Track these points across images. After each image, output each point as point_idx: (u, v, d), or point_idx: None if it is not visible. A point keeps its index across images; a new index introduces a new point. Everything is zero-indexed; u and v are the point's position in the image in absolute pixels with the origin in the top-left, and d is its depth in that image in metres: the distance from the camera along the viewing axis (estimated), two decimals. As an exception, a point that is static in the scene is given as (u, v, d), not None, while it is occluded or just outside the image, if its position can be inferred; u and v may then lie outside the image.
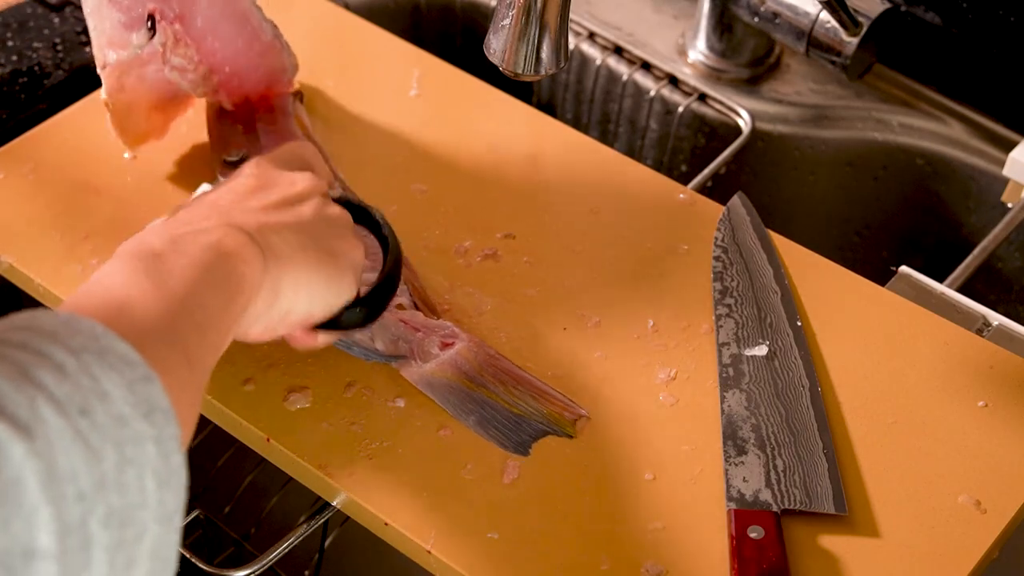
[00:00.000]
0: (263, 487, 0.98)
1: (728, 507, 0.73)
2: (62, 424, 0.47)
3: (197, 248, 0.61)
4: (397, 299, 0.81)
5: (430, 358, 0.79)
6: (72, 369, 0.49)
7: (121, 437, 0.49)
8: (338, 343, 0.79)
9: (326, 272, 0.69)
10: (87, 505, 0.46)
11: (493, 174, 0.92)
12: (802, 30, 1.01)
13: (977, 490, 0.74)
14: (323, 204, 0.72)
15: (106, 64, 0.84)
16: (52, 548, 0.45)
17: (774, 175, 1.11)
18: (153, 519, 0.50)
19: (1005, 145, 1.03)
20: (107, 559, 0.47)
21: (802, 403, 0.78)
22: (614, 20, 1.14)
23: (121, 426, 0.49)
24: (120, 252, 0.61)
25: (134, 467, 0.49)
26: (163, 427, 0.51)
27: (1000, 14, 1.02)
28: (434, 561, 0.72)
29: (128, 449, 0.49)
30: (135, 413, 0.50)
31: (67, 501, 0.46)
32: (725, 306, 0.83)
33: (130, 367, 0.51)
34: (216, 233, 0.62)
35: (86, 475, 0.47)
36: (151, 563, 0.50)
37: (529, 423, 0.77)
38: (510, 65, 0.76)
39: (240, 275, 0.62)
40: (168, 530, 0.50)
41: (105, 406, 0.49)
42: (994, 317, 0.85)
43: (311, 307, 0.69)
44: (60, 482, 0.46)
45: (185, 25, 0.84)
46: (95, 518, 0.47)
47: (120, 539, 0.48)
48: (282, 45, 0.89)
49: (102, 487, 0.47)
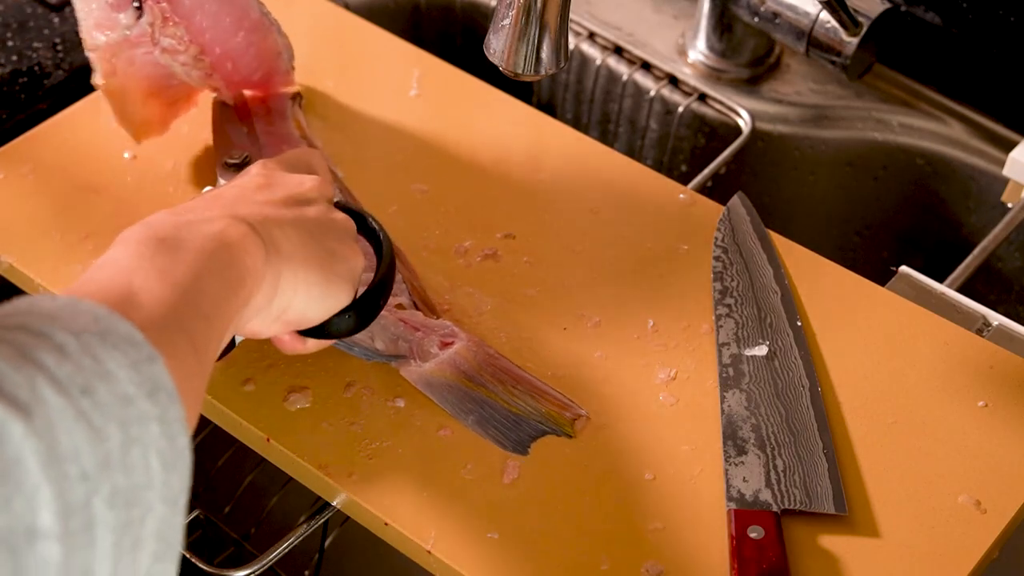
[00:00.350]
0: (263, 487, 0.98)
1: (728, 507, 0.73)
2: (63, 403, 0.46)
3: (201, 237, 0.61)
4: (397, 298, 0.81)
5: (429, 357, 0.79)
6: (73, 350, 0.48)
7: (126, 417, 0.48)
8: (338, 343, 0.79)
9: (325, 273, 0.69)
10: (91, 485, 0.46)
11: (493, 174, 0.92)
12: (802, 30, 1.01)
13: (977, 490, 0.74)
14: (328, 209, 0.72)
15: (96, 47, 0.84)
16: (55, 528, 0.45)
17: (774, 175, 1.11)
18: (159, 500, 0.49)
19: (1005, 145, 1.03)
20: (113, 539, 0.47)
21: (802, 403, 0.78)
22: (614, 20, 1.14)
23: (125, 405, 0.49)
24: (123, 238, 0.61)
25: (139, 447, 0.48)
26: (167, 407, 0.50)
27: (1000, 14, 1.02)
28: (434, 561, 0.72)
29: (133, 429, 0.48)
30: (139, 393, 0.49)
31: (69, 480, 0.45)
32: (725, 306, 0.83)
33: (134, 347, 0.50)
34: (220, 223, 0.62)
35: (89, 455, 0.46)
36: (156, 544, 0.49)
37: (528, 422, 0.77)
38: (510, 65, 0.76)
39: (243, 265, 0.62)
40: (174, 512, 0.50)
41: (108, 386, 0.48)
42: (994, 317, 0.85)
43: (307, 307, 0.69)
44: (61, 461, 0.45)
45: (172, 3, 0.84)
46: (100, 498, 0.46)
47: (126, 520, 0.47)
48: (271, 23, 0.89)
49: (106, 467, 0.47)
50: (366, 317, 0.73)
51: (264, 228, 0.65)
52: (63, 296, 0.52)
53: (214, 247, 0.61)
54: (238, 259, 0.62)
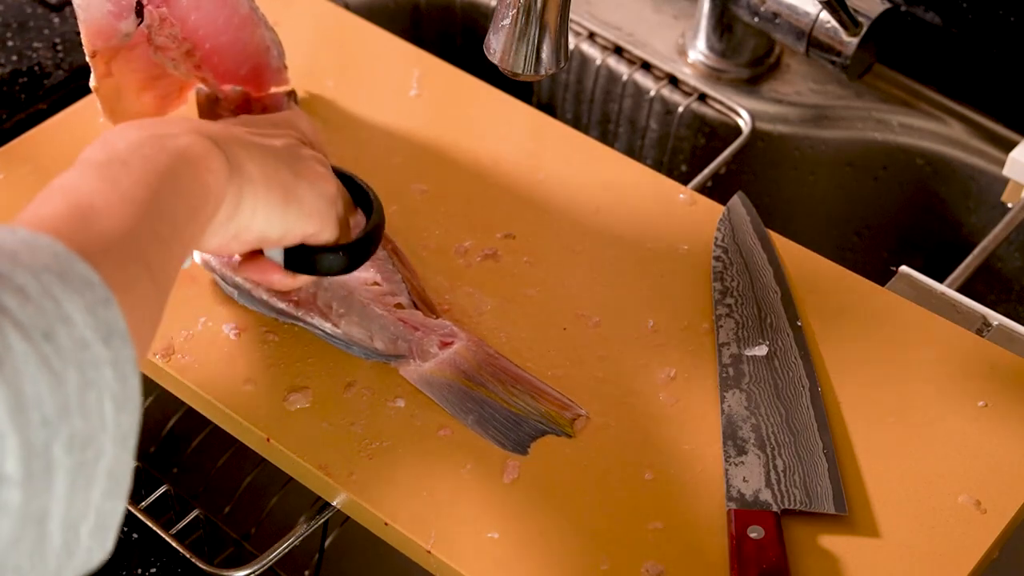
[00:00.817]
0: (263, 487, 0.98)
1: (728, 507, 0.72)
2: (27, 349, 0.47)
3: (163, 154, 0.60)
4: (396, 298, 0.81)
5: (429, 357, 0.79)
6: (34, 292, 0.49)
7: (82, 361, 0.49)
8: (337, 342, 0.79)
9: (287, 196, 0.69)
10: (51, 430, 0.47)
11: (493, 174, 0.92)
12: (802, 30, 1.01)
13: (977, 490, 0.74)
14: (299, 144, 0.72)
15: (95, 52, 0.84)
16: (18, 474, 0.45)
17: (774, 175, 1.11)
18: (111, 441, 0.50)
19: (1005, 145, 1.03)
20: (68, 481, 0.48)
21: (802, 403, 0.78)
22: (614, 20, 1.14)
23: (83, 350, 0.49)
24: (83, 158, 0.60)
25: (95, 391, 0.49)
26: (120, 350, 0.51)
27: (1000, 14, 1.02)
28: (434, 561, 0.72)
29: (89, 373, 0.49)
30: (95, 337, 0.50)
31: (32, 427, 0.46)
32: (725, 306, 0.83)
33: (90, 289, 0.51)
34: (184, 139, 0.62)
35: (50, 400, 0.47)
36: (107, 483, 0.50)
37: (527, 422, 0.77)
38: (510, 65, 0.76)
39: (205, 184, 0.62)
40: (124, 450, 0.51)
41: (67, 329, 0.49)
42: (994, 317, 0.85)
43: (268, 228, 0.69)
44: (26, 409, 0.46)
45: (171, 6, 0.85)
46: (59, 443, 0.47)
47: (81, 461, 0.48)
48: (259, 18, 0.89)
49: (65, 412, 0.47)
50: (357, 259, 0.74)
51: (228, 146, 0.65)
52: (22, 230, 0.52)
53: (176, 164, 0.60)
54: (200, 178, 0.61)
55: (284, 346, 0.80)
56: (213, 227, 0.64)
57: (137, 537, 0.79)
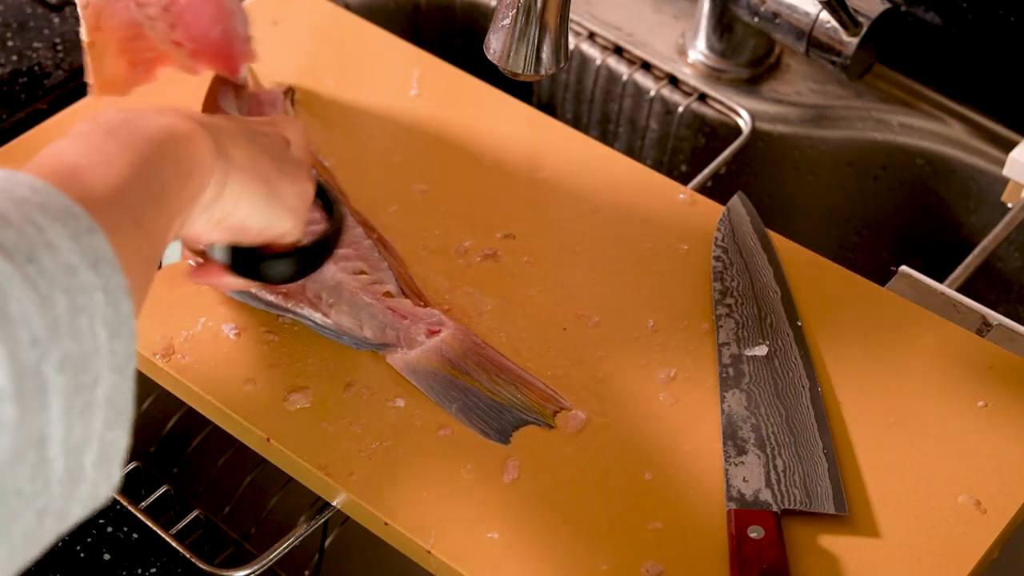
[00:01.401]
0: (263, 487, 0.98)
1: (728, 507, 0.73)
2: (9, 269, 0.47)
3: (152, 127, 0.61)
4: (384, 286, 0.82)
5: (416, 345, 0.79)
6: (15, 218, 0.49)
7: (70, 285, 0.49)
8: (326, 332, 0.80)
9: (272, 187, 0.69)
10: (41, 349, 0.47)
11: (493, 174, 0.92)
12: (802, 30, 1.01)
13: (977, 490, 0.74)
14: (285, 144, 0.72)
15: (87, 3, 0.84)
16: (9, 388, 0.45)
17: (774, 175, 1.11)
18: (107, 367, 0.50)
19: (1005, 145, 1.03)
20: (64, 403, 0.47)
21: (802, 403, 0.78)
22: (614, 20, 1.14)
23: (70, 275, 0.49)
24: (73, 131, 0.60)
25: (86, 315, 0.49)
26: (110, 277, 0.51)
27: (1000, 14, 1.02)
28: (434, 561, 0.72)
29: (79, 298, 0.49)
30: (82, 263, 0.50)
31: (21, 345, 0.46)
32: (725, 306, 0.83)
33: (73, 219, 0.51)
34: (170, 118, 0.62)
35: (38, 319, 0.47)
36: (107, 411, 0.50)
37: (510, 411, 0.77)
38: (510, 65, 0.76)
39: (192, 156, 0.62)
40: (122, 378, 0.51)
41: (52, 254, 0.49)
42: (994, 317, 0.85)
43: (250, 217, 0.69)
44: (13, 325, 0.46)
45: None
46: (50, 363, 0.47)
47: (76, 385, 0.48)
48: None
49: (55, 332, 0.47)
50: (304, 268, 0.73)
51: (215, 132, 0.65)
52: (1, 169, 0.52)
53: (163, 138, 0.61)
54: (186, 150, 0.62)
55: (284, 346, 0.80)
56: (199, 207, 0.64)
57: (137, 537, 0.79)
